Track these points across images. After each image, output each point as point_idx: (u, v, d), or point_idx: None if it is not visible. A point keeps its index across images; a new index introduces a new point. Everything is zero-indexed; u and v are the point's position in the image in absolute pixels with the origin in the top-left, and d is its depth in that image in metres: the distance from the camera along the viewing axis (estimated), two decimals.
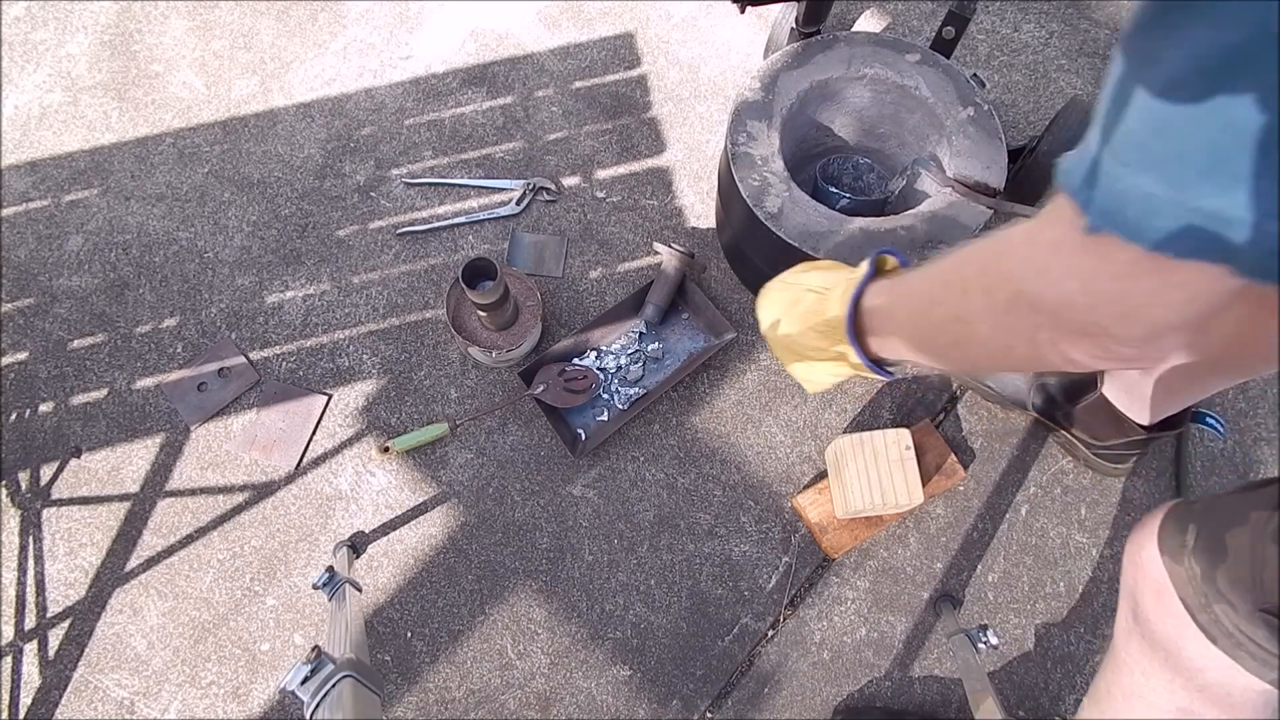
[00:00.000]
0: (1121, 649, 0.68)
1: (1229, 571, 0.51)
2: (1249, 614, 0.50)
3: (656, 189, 1.21)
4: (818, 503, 1.02)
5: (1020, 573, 1.03)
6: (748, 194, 0.89)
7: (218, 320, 1.13)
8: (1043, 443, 1.09)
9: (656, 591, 1.01)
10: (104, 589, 1.00)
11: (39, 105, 1.24)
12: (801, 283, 0.65)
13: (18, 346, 1.11)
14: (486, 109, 1.26)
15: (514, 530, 1.03)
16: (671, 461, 1.07)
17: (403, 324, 1.13)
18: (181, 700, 0.96)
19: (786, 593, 1.02)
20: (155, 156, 1.22)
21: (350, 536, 1.02)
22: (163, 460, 1.06)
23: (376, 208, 1.19)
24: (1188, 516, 0.54)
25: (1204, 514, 0.53)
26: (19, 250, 1.16)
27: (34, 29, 1.29)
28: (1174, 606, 0.59)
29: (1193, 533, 0.53)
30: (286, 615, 0.99)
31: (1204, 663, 0.59)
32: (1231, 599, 0.51)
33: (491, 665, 0.98)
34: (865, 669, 0.99)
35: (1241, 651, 0.52)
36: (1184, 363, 0.80)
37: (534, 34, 1.31)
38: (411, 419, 1.08)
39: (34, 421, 1.07)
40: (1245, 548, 0.50)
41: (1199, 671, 0.60)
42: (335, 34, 1.30)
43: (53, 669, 0.97)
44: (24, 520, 1.03)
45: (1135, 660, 0.66)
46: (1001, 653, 1.00)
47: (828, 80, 0.96)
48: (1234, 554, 0.51)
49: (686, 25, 1.32)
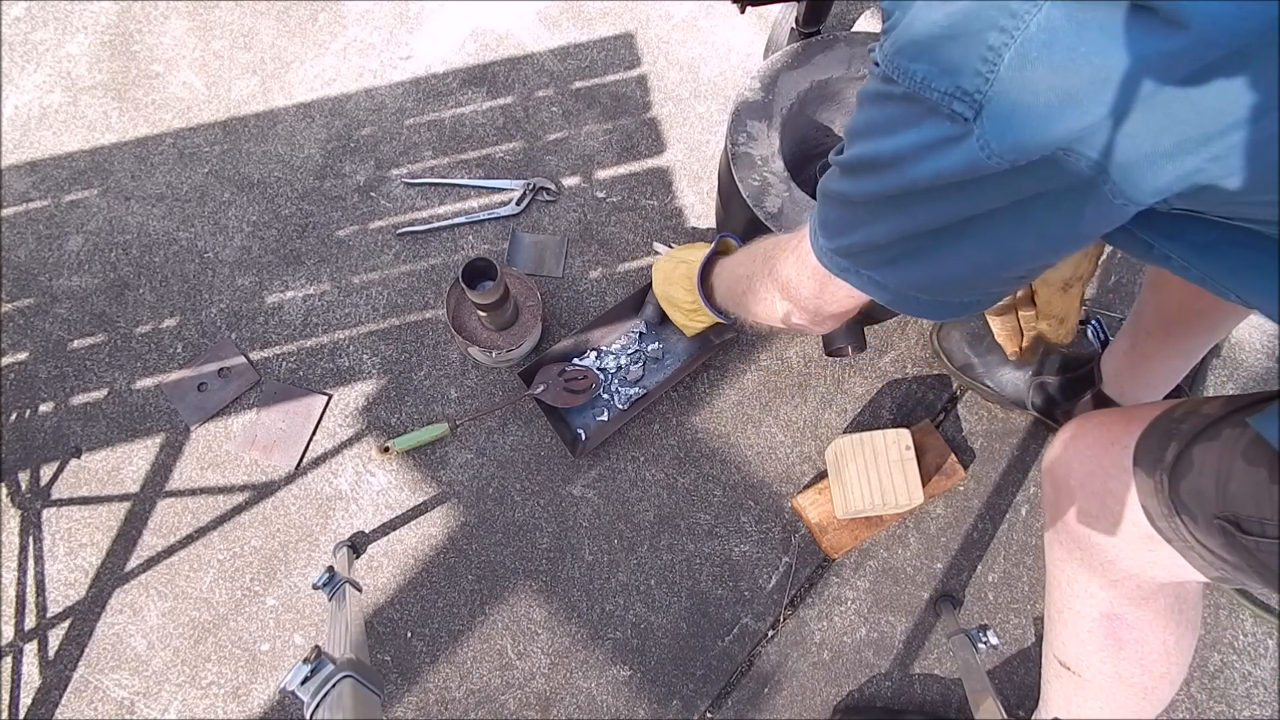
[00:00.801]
0: (1048, 565, 0.75)
1: (1192, 483, 0.55)
2: (1206, 522, 0.54)
3: (656, 189, 1.21)
4: (818, 503, 1.02)
5: (1020, 573, 1.03)
6: (748, 194, 0.89)
7: (218, 320, 1.13)
8: (1043, 442, 1.09)
9: (656, 591, 1.01)
10: (104, 589, 1.00)
11: (39, 105, 1.24)
12: (678, 256, 0.98)
13: (18, 346, 1.11)
14: (486, 109, 1.26)
15: (514, 530, 1.03)
16: (671, 461, 1.07)
17: (403, 324, 1.13)
18: (181, 700, 0.96)
19: (786, 593, 1.02)
20: (155, 156, 1.22)
21: (350, 536, 1.02)
22: (163, 460, 1.06)
23: (376, 208, 1.19)
24: (1172, 434, 0.57)
25: (1187, 434, 0.56)
26: (19, 250, 1.16)
27: (34, 29, 1.29)
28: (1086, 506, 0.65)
29: (1173, 450, 0.57)
30: (286, 615, 0.99)
31: (1115, 554, 0.64)
32: (1192, 509, 0.55)
33: (491, 665, 0.98)
34: (865, 669, 0.99)
35: (1192, 553, 0.57)
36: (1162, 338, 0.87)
37: (534, 34, 1.31)
38: (411, 419, 1.08)
39: (34, 421, 1.07)
40: (1213, 461, 0.53)
41: (1111, 564, 0.66)
42: (335, 34, 1.30)
43: (53, 669, 0.97)
44: (24, 520, 1.03)
45: (1059, 569, 0.73)
46: (1001, 653, 1.00)
47: (828, 80, 0.96)
48: (1200, 467, 0.54)
49: (686, 25, 1.32)
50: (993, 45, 0.34)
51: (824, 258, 0.55)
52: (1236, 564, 0.53)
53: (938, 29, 0.37)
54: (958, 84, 0.36)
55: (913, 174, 0.42)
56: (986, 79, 0.35)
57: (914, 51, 0.38)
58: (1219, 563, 0.55)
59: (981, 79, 0.35)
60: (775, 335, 1.12)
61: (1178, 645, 0.70)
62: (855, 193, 0.48)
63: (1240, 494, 0.51)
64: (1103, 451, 0.63)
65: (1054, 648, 0.78)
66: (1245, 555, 0.52)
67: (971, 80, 0.36)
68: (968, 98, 0.36)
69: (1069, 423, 0.70)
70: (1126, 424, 0.63)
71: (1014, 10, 0.33)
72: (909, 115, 0.40)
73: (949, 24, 0.36)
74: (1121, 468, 0.61)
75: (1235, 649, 1.01)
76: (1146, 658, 0.69)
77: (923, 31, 0.38)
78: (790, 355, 1.12)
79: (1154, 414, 0.61)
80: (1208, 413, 0.56)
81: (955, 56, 0.36)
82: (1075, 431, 0.68)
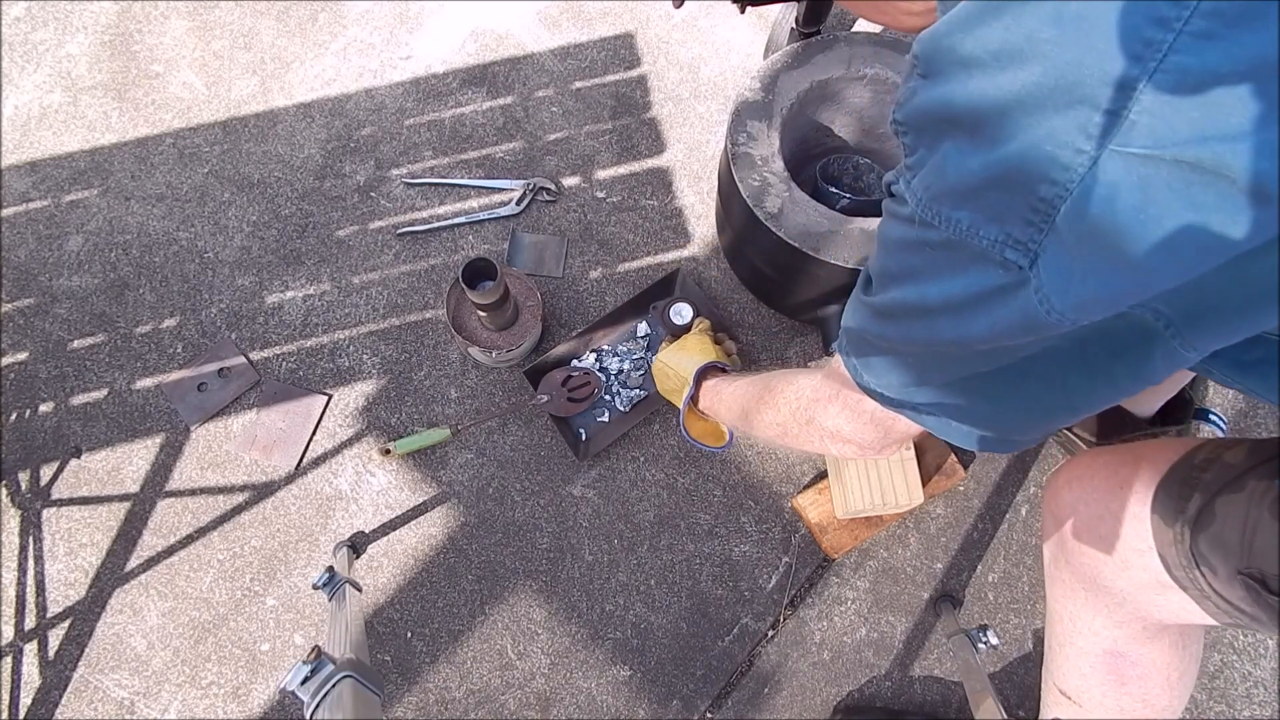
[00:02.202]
0: (1049, 599, 0.74)
1: (1214, 536, 0.53)
2: (1228, 576, 0.52)
3: (656, 189, 1.21)
4: (818, 503, 1.02)
5: (1020, 573, 1.03)
6: (748, 194, 0.89)
7: (218, 320, 1.13)
8: (1043, 443, 1.09)
9: (656, 591, 1.01)
10: (104, 589, 1.00)
11: (39, 105, 1.24)
12: (666, 363, 0.98)
13: (18, 346, 1.11)
14: (486, 109, 1.26)
15: (514, 530, 1.03)
16: (671, 461, 1.07)
17: (403, 324, 1.13)
18: (181, 700, 0.96)
19: (786, 593, 1.02)
20: (155, 157, 1.22)
21: (350, 536, 1.02)
22: (163, 460, 1.06)
23: (376, 208, 1.19)
24: (1194, 484, 0.55)
25: (1211, 485, 0.54)
26: (19, 250, 1.16)
27: (34, 29, 1.29)
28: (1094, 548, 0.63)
29: (1196, 503, 0.54)
30: (286, 615, 0.99)
31: (1123, 597, 0.63)
32: (1213, 562, 0.53)
33: (491, 665, 0.98)
34: (865, 669, 0.99)
35: (1207, 602, 0.55)
36: None
37: (534, 34, 1.31)
38: (411, 419, 1.08)
39: (34, 421, 1.07)
40: (1238, 515, 0.52)
41: (1118, 605, 0.64)
42: (335, 34, 1.30)
43: (53, 669, 0.97)
44: (24, 520, 1.03)
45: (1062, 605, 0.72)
46: (1002, 653, 1.00)
47: (828, 80, 0.96)
48: (1223, 520, 0.53)
49: (686, 25, 1.32)
50: (1044, 197, 0.31)
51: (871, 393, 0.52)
52: (1255, 616, 0.52)
53: (977, 179, 0.33)
54: (1008, 232, 0.33)
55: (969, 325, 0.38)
56: (1040, 229, 0.32)
57: (955, 200, 0.35)
58: (1237, 614, 0.54)
59: (1035, 229, 0.32)
60: (776, 337, 1.12)
61: (1181, 680, 0.68)
62: (899, 338, 0.45)
63: (1266, 549, 0.49)
64: (1110, 495, 0.61)
65: (1054, 676, 0.76)
66: (1268, 610, 0.51)
67: (1024, 230, 0.33)
68: (1020, 245, 0.33)
69: (1071, 461, 0.68)
70: (1136, 466, 0.60)
71: (1064, 163, 0.30)
72: (954, 261, 0.37)
73: (989, 175, 0.33)
74: (1133, 514, 0.59)
75: (1235, 649, 1.01)
76: (1149, 693, 0.68)
77: (960, 181, 0.34)
78: (790, 355, 1.12)
79: (1169, 458, 0.59)
80: (1231, 462, 0.54)
81: (1002, 206, 0.33)
82: (1080, 471, 0.66)
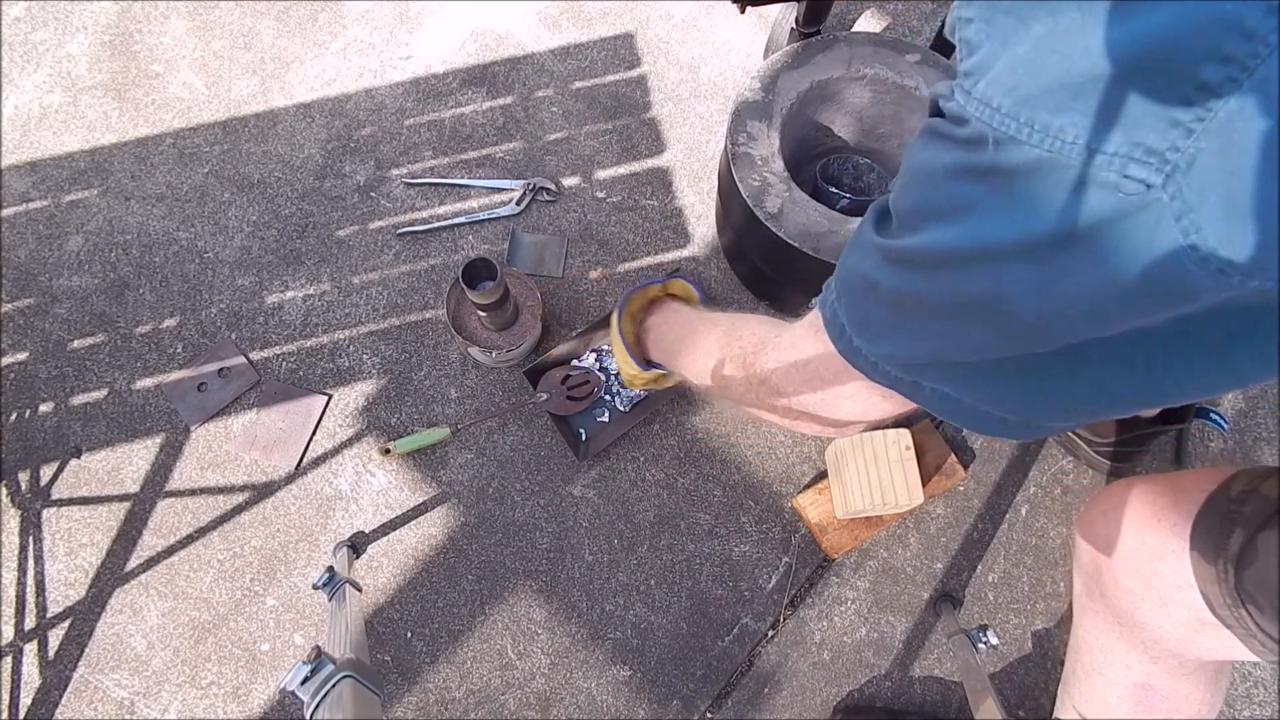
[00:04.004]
0: (1079, 626, 0.70)
1: (1258, 572, 0.51)
2: (1275, 613, 0.51)
3: (656, 189, 1.21)
4: (818, 503, 1.02)
5: (1020, 573, 1.03)
6: (748, 194, 0.89)
7: (218, 320, 1.13)
8: (1043, 442, 1.09)
9: (656, 591, 1.01)
10: (104, 589, 1.00)
11: (39, 105, 1.24)
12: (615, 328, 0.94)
13: (18, 346, 1.11)
14: (486, 109, 1.26)
15: (514, 530, 1.03)
16: (671, 461, 1.07)
17: (403, 324, 1.13)
18: (181, 700, 0.96)
19: (786, 593, 1.02)
20: (155, 157, 1.22)
21: (350, 536, 1.02)
22: (163, 460, 1.06)
23: (376, 208, 1.19)
24: (1233, 518, 0.53)
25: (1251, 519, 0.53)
26: (19, 250, 1.16)
27: (34, 29, 1.29)
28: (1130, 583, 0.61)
29: (1238, 539, 0.53)
30: (286, 615, 0.99)
31: (1160, 634, 0.61)
32: (1259, 600, 0.51)
33: (491, 665, 0.98)
34: (865, 669, 0.99)
35: (1252, 640, 0.54)
36: None
37: (534, 34, 1.31)
38: (411, 419, 1.08)
39: (34, 421, 1.07)
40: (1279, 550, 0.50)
41: (1155, 642, 0.63)
42: (335, 34, 1.30)
43: (53, 669, 0.97)
44: (24, 520, 1.03)
45: (1093, 636, 0.69)
46: (1002, 653, 1.00)
47: (828, 80, 0.96)
48: (1265, 556, 0.51)
49: (686, 25, 1.32)
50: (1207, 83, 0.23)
51: (857, 360, 0.42)
52: None
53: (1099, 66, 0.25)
54: (1136, 140, 0.25)
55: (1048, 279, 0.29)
56: (1189, 130, 0.24)
57: (1057, 102, 0.26)
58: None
59: (1182, 131, 0.24)
60: None
61: (1209, 710, 0.67)
62: (930, 293, 0.34)
63: None
64: (1147, 528, 0.60)
65: (1075, 699, 0.75)
66: None
67: (1165, 135, 0.24)
68: (1154, 158, 0.25)
69: (1106, 491, 0.66)
70: (1174, 498, 0.59)
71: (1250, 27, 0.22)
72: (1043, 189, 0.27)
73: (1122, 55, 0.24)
74: (1171, 549, 0.57)
75: None
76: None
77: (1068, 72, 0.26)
78: None
79: (1205, 488, 0.57)
80: (1269, 495, 0.53)
81: (1133, 103, 0.25)
82: (1115, 503, 0.64)
